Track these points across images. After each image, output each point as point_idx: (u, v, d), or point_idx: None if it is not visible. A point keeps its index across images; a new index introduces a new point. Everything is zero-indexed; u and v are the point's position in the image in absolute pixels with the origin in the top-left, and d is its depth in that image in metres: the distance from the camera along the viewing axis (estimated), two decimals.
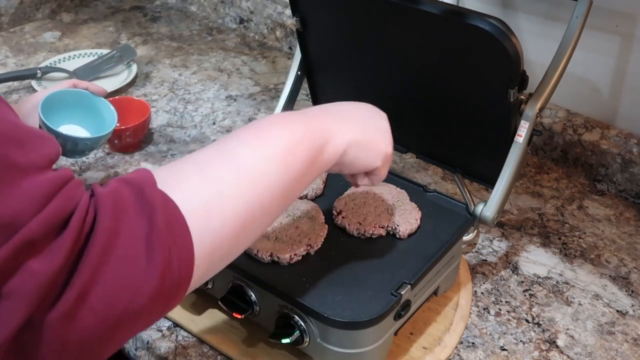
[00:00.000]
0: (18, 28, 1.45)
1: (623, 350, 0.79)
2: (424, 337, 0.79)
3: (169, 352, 0.77)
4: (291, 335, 0.70)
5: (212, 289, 0.77)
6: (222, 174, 0.55)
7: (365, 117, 0.69)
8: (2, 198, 0.43)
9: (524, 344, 0.80)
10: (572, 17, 0.80)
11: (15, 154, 0.45)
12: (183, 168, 0.55)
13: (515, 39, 0.72)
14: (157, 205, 0.49)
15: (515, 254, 0.92)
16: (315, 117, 0.65)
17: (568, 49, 0.79)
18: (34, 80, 1.23)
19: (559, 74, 0.80)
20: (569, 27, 0.80)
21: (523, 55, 0.74)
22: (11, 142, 0.45)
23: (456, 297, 0.84)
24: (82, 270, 0.45)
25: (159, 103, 1.22)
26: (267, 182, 0.57)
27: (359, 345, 0.69)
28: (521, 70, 0.75)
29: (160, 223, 0.48)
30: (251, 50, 1.40)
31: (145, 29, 1.47)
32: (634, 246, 0.94)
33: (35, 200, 0.44)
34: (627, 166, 1.01)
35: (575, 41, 0.80)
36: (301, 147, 0.60)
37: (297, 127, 0.61)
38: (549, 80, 0.80)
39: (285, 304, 0.70)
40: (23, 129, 0.47)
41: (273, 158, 0.58)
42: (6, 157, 0.45)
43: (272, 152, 0.58)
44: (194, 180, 0.53)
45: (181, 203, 0.50)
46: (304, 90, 1.27)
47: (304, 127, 0.62)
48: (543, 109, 0.80)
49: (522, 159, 0.80)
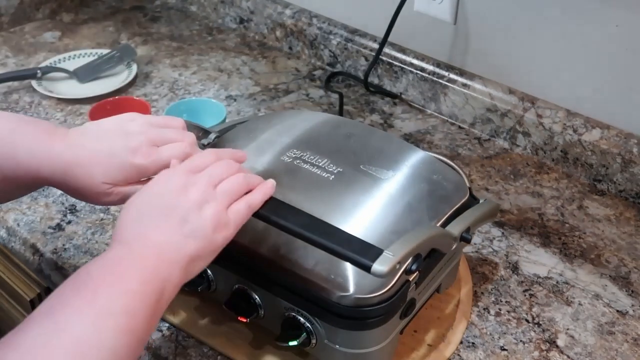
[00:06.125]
0: (18, 28, 1.45)
1: (623, 351, 0.80)
2: (428, 334, 0.79)
3: (169, 352, 0.77)
4: (298, 337, 0.70)
5: (215, 292, 0.77)
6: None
7: (155, 192, 0.63)
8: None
9: (524, 344, 0.80)
10: None
11: None
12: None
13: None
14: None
15: (515, 254, 0.92)
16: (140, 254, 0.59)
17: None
18: (34, 80, 1.23)
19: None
20: None
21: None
22: None
23: (458, 294, 0.84)
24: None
25: (159, 103, 1.22)
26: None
27: (366, 345, 0.69)
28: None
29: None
30: (251, 50, 1.40)
31: (145, 29, 1.47)
32: (634, 246, 0.94)
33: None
34: (627, 166, 1.01)
35: None
36: (142, 308, 0.56)
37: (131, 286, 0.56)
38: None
39: (291, 306, 0.70)
40: None
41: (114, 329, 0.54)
42: None
43: (112, 323, 0.53)
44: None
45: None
46: (304, 91, 1.27)
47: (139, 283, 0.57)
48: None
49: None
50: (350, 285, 0.66)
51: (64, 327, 0.52)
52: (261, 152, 0.79)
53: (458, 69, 1.18)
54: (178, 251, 0.60)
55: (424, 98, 1.22)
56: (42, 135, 0.69)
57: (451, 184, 0.79)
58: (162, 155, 0.69)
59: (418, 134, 1.16)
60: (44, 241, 0.91)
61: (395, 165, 0.78)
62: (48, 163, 0.68)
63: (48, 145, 0.69)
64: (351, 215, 0.71)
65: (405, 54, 1.23)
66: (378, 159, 0.79)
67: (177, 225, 0.61)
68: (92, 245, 0.91)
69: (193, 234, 0.61)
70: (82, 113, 1.17)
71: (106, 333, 0.53)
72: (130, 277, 0.57)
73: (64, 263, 0.88)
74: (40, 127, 0.71)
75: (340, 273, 0.66)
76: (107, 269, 0.57)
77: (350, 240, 0.63)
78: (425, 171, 0.79)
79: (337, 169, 0.76)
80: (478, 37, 1.14)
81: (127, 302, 0.55)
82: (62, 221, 0.94)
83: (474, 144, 1.14)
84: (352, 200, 0.73)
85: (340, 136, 0.83)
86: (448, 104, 1.19)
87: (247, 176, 0.67)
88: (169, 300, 0.60)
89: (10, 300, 1.13)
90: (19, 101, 1.21)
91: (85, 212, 0.96)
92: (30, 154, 0.68)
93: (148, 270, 0.58)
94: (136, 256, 0.58)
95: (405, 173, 0.78)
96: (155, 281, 0.58)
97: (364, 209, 0.72)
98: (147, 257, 0.58)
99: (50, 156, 0.68)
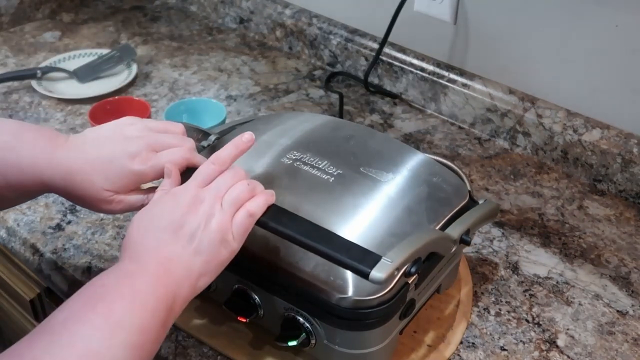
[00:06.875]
0: (18, 28, 1.45)
1: (623, 351, 0.80)
2: (428, 335, 0.79)
3: (169, 352, 0.77)
4: (298, 338, 0.70)
5: (215, 292, 0.77)
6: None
7: (160, 211, 0.63)
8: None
9: (524, 344, 0.80)
10: None
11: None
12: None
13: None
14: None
15: (515, 254, 0.92)
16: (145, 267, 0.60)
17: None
18: (34, 80, 1.23)
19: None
20: None
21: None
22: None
23: (458, 295, 0.84)
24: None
25: (159, 103, 1.22)
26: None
27: (366, 345, 0.69)
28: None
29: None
30: (251, 50, 1.40)
31: (145, 29, 1.47)
32: (634, 246, 0.94)
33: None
34: (627, 166, 1.01)
35: None
36: (154, 321, 0.57)
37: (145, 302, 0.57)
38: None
39: (290, 306, 0.70)
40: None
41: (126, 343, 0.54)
42: None
43: (125, 338, 0.54)
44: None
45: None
46: (304, 91, 1.27)
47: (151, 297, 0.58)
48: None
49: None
50: (349, 287, 0.66)
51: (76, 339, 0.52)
52: (261, 154, 0.79)
53: (458, 69, 1.18)
54: (187, 268, 0.61)
55: (424, 98, 1.22)
56: (43, 143, 0.70)
57: (451, 186, 0.79)
58: (161, 161, 0.69)
59: (418, 134, 1.16)
60: (44, 241, 0.91)
61: (395, 168, 0.78)
62: (50, 170, 0.68)
63: (50, 152, 0.69)
64: (350, 217, 0.71)
65: (405, 54, 1.23)
66: (378, 161, 0.79)
67: (186, 243, 0.61)
68: (92, 245, 0.91)
69: (200, 250, 0.62)
70: (82, 113, 1.17)
71: (118, 347, 0.53)
72: (145, 294, 0.57)
73: (64, 263, 0.88)
74: (41, 134, 0.71)
75: (340, 275, 0.66)
76: (122, 284, 0.58)
77: (349, 247, 0.63)
78: (425, 174, 0.79)
79: (337, 171, 0.76)
80: (478, 37, 1.14)
81: (142, 318, 0.56)
82: (62, 221, 0.94)
83: (474, 144, 1.14)
84: (352, 203, 0.73)
85: (341, 138, 0.83)
86: (448, 104, 1.19)
87: (251, 182, 0.67)
88: (176, 316, 0.61)
89: (10, 300, 1.13)
90: (19, 101, 1.21)
91: (85, 212, 0.96)
92: (33, 161, 0.69)
93: (160, 287, 0.58)
94: (148, 272, 0.59)
95: (405, 175, 0.78)
96: (167, 298, 0.59)
97: (363, 211, 0.72)
98: (158, 273, 0.59)
99: (52, 163, 0.68)
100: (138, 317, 0.56)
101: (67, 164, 0.68)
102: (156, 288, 0.58)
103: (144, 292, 0.57)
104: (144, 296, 0.57)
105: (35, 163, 0.68)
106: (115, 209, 0.70)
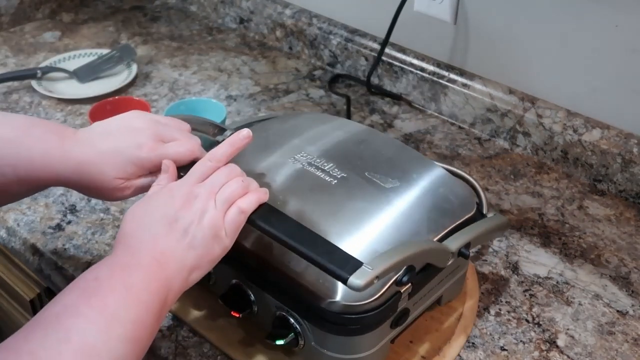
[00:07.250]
0: (18, 28, 1.45)
1: (623, 351, 0.79)
2: (424, 346, 0.77)
3: (169, 352, 0.77)
4: (285, 337, 0.70)
5: (214, 285, 0.77)
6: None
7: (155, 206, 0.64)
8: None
9: (524, 344, 0.80)
10: None
11: None
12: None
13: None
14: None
15: (515, 254, 0.92)
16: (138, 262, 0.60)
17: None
18: (34, 80, 1.23)
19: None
20: None
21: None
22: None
23: (461, 308, 0.82)
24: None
25: (159, 103, 1.22)
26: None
27: (353, 351, 0.69)
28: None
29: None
30: (251, 50, 1.40)
31: (145, 29, 1.47)
32: (634, 246, 0.94)
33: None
34: (627, 166, 1.01)
35: None
36: (150, 314, 0.57)
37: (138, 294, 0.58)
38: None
39: (281, 305, 0.70)
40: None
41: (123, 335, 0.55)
42: None
43: (120, 331, 0.55)
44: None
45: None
46: (304, 91, 1.27)
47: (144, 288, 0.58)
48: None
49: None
50: (337, 291, 0.66)
51: (72, 334, 0.52)
52: (270, 152, 0.79)
53: (458, 69, 1.18)
54: (180, 262, 0.61)
55: (424, 98, 1.22)
56: (53, 136, 0.71)
57: (458, 198, 0.78)
58: (169, 151, 0.71)
59: (418, 134, 1.16)
60: (44, 241, 0.91)
61: (402, 175, 0.77)
62: (61, 164, 0.69)
63: (60, 145, 0.70)
64: (346, 221, 0.71)
65: (405, 54, 1.23)
66: (385, 167, 0.78)
67: (180, 237, 0.62)
68: (92, 245, 0.91)
69: (193, 245, 0.62)
70: (82, 113, 1.17)
71: (114, 341, 0.54)
72: (139, 287, 0.58)
73: (64, 263, 0.88)
74: (51, 128, 0.72)
75: (329, 279, 0.65)
76: (116, 277, 0.58)
77: (331, 251, 0.63)
78: (432, 183, 0.78)
79: (341, 174, 0.76)
80: (478, 37, 1.14)
81: (136, 311, 0.56)
82: (62, 221, 0.94)
83: (474, 144, 1.14)
84: (351, 207, 0.72)
85: (352, 142, 0.83)
86: (448, 104, 1.19)
87: (245, 179, 0.68)
88: (169, 309, 0.62)
89: (10, 300, 1.13)
90: (19, 101, 1.21)
91: (85, 212, 0.96)
92: (44, 155, 0.69)
93: (154, 280, 0.59)
94: (142, 266, 0.59)
95: (410, 184, 0.77)
96: (160, 292, 0.59)
97: (361, 216, 0.72)
98: (152, 266, 0.60)
99: (63, 156, 0.69)
100: (133, 311, 0.56)
101: (78, 157, 0.69)
102: (150, 282, 0.59)
103: (138, 286, 0.58)
104: (138, 290, 0.57)
105: (46, 157, 0.69)
106: (129, 195, 0.72)
